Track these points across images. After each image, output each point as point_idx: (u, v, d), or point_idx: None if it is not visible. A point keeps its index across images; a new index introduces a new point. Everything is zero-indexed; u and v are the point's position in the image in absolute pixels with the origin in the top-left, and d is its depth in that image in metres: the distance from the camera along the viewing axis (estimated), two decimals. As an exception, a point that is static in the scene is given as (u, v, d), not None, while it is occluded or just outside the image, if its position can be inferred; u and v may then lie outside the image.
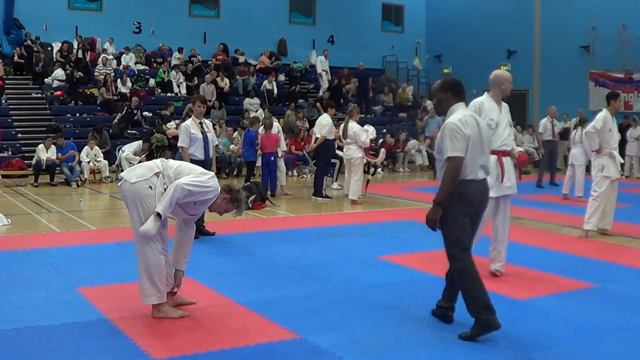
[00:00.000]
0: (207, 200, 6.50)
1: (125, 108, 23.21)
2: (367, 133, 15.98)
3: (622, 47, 26.78)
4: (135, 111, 23.29)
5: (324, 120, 16.30)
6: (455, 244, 6.06)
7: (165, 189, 6.38)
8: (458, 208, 6.02)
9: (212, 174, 6.64)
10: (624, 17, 26.46)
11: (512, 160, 8.39)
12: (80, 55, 25.76)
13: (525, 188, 13.64)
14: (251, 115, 20.76)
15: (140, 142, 20.43)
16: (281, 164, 17.07)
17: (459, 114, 6.09)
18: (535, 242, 10.50)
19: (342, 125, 15.89)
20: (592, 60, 27.59)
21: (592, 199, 11.29)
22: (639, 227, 12.39)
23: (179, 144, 11.27)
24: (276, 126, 17.17)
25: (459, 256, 6.05)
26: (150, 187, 6.41)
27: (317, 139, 16.32)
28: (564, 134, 24.50)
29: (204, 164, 10.24)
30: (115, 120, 22.89)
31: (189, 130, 10.77)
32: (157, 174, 6.47)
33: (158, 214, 6.30)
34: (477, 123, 6.15)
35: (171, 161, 6.74)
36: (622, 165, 12.34)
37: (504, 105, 8.40)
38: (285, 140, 17.99)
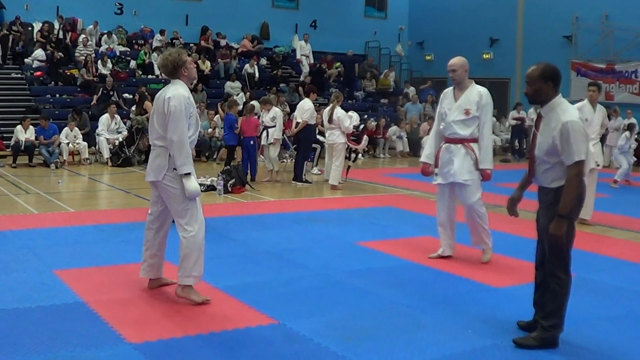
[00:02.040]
0: (189, 102, 6.45)
1: (101, 89, 23.06)
2: (351, 119, 15.97)
3: (604, 38, 26.87)
4: (111, 92, 23.11)
5: (306, 105, 16.23)
6: (567, 262, 5.65)
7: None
8: (576, 213, 5.62)
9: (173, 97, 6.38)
10: (606, 8, 26.54)
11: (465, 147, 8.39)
12: (60, 35, 25.57)
13: (506, 176, 13.66)
14: (232, 99, 20.66)
15: (107, 114, 20.34)
16: (272, 149, 16.70)
17: (574, 111, 5.60)
18: (513, 230, 10.46)
19: (326, 110, 15.84)
20: (574, 50, 27.66)
21: None
22: (618, 217, 12.46)
23: None
24: (277, 111, 16.77)
25: (568, 273, 5.67)
26: (175, 168, 6.41)
27: (298, 123, 16.26)
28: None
29: None
30: (94, 102, 22.71)
31: None
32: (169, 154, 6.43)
33: (187, 174, 6.35)
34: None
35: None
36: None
37: (467, 92, 8.38)
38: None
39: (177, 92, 6.39)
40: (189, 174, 6.35)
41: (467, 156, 8.31)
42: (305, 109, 16.12)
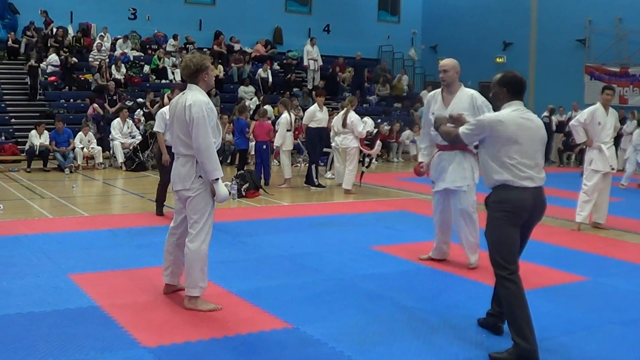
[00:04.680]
0: (210, 108, 6.44)
1: (105, 95, 23.19)
2: (365, 124, 15.97)
3: (617, 41, 26.76)
4: (114, 97, 23.18)
5: (309, 109, 16.39)
6: (501, 265, 5.54)
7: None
8: (504, 217, 5.50)
9: (195, 104, 6.38)
10: (620, 11, 26.44)
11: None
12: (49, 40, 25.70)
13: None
14: (242, 103, 20.67)
15: (118, 119, 20.42)
16: (283, 156, 16.69)
17: (502, 112, 5.61)
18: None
19: (340, 115, 15.83)
20: (587, 54, 27.57)
21: (582, 191, 11.36)
22: (632, 220, 12.40)
23: (154, 129, 12.10)
24: (282, 117, 16.65)
25: (506, 281, 5.49)
26: (200, 176, 6.45)
27: (308, 127, 16.34)
28: (560, 127, 24.63)
29: None
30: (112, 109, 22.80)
31: (165, 116, 11.05)
32: (195, 161, 6.47)
33: (217, 178, 6.40)
34: (529, 124, 5.57)
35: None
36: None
37: (458, 95, 8.33)
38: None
39: (196, 99, 6.37)
40: (218, 179, 6.38)
41: (462, 162, 8.28)
42: (306, 112, 16.25)
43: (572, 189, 14.05)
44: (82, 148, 19.32)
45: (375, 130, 20.50)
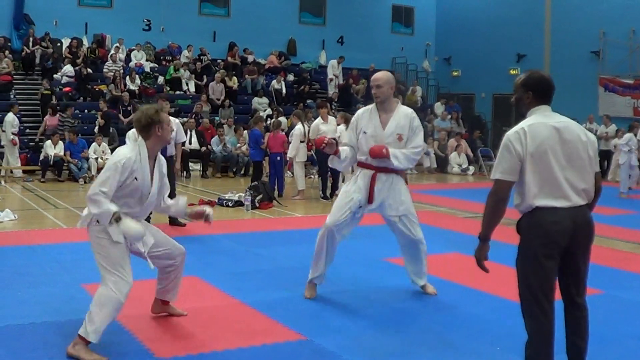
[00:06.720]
0: (130, 167, 5.72)
1: (119, 106, 23.27)
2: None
3: (632, 53, 26.69)
4: (129, 107, 23.24)
5: (313, 123, 16.46)
6: (528, 297, 4.70)
7: None
8: (536, 246, 4.63)
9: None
10: (633, 23, 26.37)
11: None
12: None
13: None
14: (257, 115, 20.70)
15: (133, 129, 20.38)
16: (297, 168, 16.73)
17: (526, 121, 4.75)
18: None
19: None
20: (601, 66, 27.49)
21: None
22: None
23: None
24: (296, 128, 16.81)
25: (534, 315, 4.69)
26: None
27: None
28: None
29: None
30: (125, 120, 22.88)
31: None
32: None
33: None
34: (558, 133, 4.66)
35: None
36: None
37: (395, 115, 7.53)
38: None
39: (121, 150, 5.90)
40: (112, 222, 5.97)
41: (403, 185, 7.86)
42: (311, 127, 16.32)
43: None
44: (96, 158, 19.39)
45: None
